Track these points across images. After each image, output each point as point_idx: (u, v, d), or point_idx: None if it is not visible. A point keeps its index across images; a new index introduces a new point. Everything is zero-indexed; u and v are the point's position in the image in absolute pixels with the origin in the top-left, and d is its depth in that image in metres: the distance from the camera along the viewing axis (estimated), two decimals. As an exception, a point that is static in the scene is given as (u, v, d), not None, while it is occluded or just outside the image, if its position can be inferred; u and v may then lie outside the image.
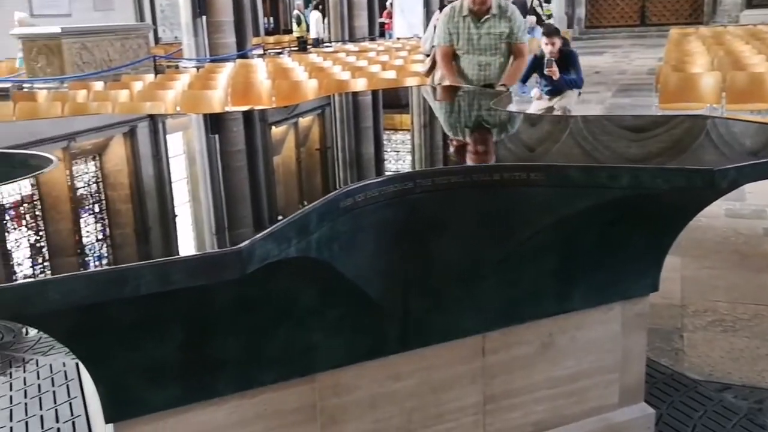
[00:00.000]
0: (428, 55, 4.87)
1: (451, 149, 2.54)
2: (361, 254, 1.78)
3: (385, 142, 2.88)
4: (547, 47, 5.77)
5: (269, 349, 1.77)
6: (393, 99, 4.32)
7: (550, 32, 5.94)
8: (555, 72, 5.65)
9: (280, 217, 1.81)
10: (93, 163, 2.63)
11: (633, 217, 2.05)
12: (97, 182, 2.36)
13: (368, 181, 1.81)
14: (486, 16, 4.29)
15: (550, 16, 23.32)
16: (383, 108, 3.92)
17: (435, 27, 4.58)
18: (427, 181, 1.88)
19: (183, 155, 2.91)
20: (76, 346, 1.56)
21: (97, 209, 2.09)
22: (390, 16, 23.02)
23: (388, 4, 23.25)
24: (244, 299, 1.64)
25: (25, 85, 10.38)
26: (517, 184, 1.87)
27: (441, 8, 4.71)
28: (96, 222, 1.99)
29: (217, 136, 3.32)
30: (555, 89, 5.83)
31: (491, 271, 1.99)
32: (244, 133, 3.34)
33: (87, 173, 2.45)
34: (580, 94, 6.32)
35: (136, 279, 1.26)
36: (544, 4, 23.54)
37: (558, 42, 5.80)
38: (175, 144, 3.28)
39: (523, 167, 1.90)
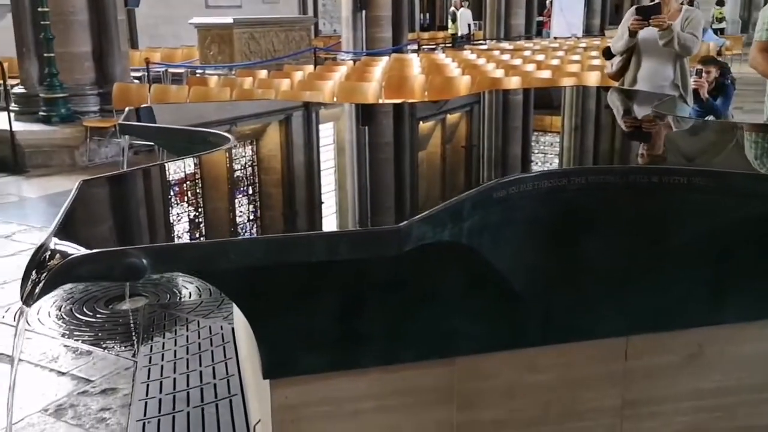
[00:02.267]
0: (623, 54, 4.44)
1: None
2: (510, 246, 1.82)
3: (533, 144, 2.87)
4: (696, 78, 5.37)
5: (413, 329, 1.86)
6: (545, 100, 4.26)
7: (707, 61, 5.59)
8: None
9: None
10: (250, 147, 2.78)
11: (800, 232, 1.95)
12: (252, 166, 2.49)
13: (523, 175, 1.86)
14: None
15: (722, 19, 21.94)
16: (534, 108, 3.89)
17: (627, 26, 4.18)
18: (581, 179, 1.89)
19: (332, 145, 3.03)
20: (244, 305, 1.73)
21: (250, 191, 2.21)
22: (550, 15, 22.59)
23: (548, 2, 22.84)
24: (395, 278, 1.74)
25: (197, 71, 11.19)
26: (675, 189, 1.84)
27: (637, 7, 4.17)
28: (249, 203, 2.10)
29: (366, 127, 3.45)
30: (704, 113, 5.52)
31: (640, 275, 1.97)
32: (392, 126, 3.44)
33: (244, 156, 2.59)
34: None
35: (307, 246, 1.38)
36: (715, 7, 22.19)
37: (714, 72, 5.48)
38: (327, 133, 3.42)
39: (684, 171, 1.86)
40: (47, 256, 1.34)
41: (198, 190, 2.15)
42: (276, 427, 1.87)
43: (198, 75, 10.52)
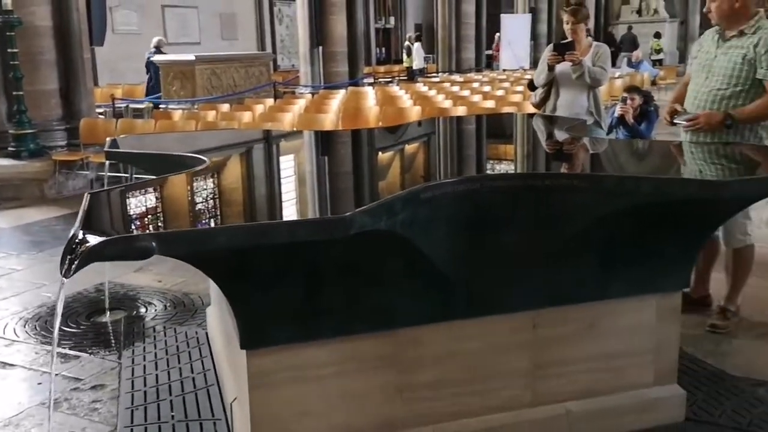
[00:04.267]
0: (544, 86, 4.98)
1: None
2: (435, 236, 2.30)
3: (488, 171, 3.18)
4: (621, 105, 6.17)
5: (362, 304, 2.32)
6: (498, 129, 4.70)
7: (631, 89, 6.46)
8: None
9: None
10: (212, 180, 2.87)
11: (663, 223, 2.47)
12: (213, 198, 2.63)
13: (445, 181, 2.35)
14: (732, 34, 3.44)
15: (659, 51, 23.15)
16: (487, 138, 4.30)
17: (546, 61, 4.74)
18: (491, 183, 2.40)
19: (293, 176, 3.27)
20: (224, 285, 2.17)
21: (212, 224, 2.32)
22: (499, 49, 23.57)
23: (496, 37, 23.83)
24: (346, 261, 2.20)
25: (161, 105, 11.58)
26: (562, 189, 2.36)
27: (551, 43, 4.77)
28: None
29: (326, 157, 3.86)
30: (630, 136, 6.18)
31: (542, 259, 2.46)
32: (351, 156, 3.82)
33: (206, 189, 2.70)
34: None
35: (275, 230, 1.84)
36: (653, 39, 23.43)
37: (638, 99, 6.25)
38: (288, 164, 3.64)
39: (569, 175, 2.38)
40: (77, 243, 1.78)
41: (158, 226, 2.28)
42: (252, 391, 2.30)
43: (161, 109, 10.90)
